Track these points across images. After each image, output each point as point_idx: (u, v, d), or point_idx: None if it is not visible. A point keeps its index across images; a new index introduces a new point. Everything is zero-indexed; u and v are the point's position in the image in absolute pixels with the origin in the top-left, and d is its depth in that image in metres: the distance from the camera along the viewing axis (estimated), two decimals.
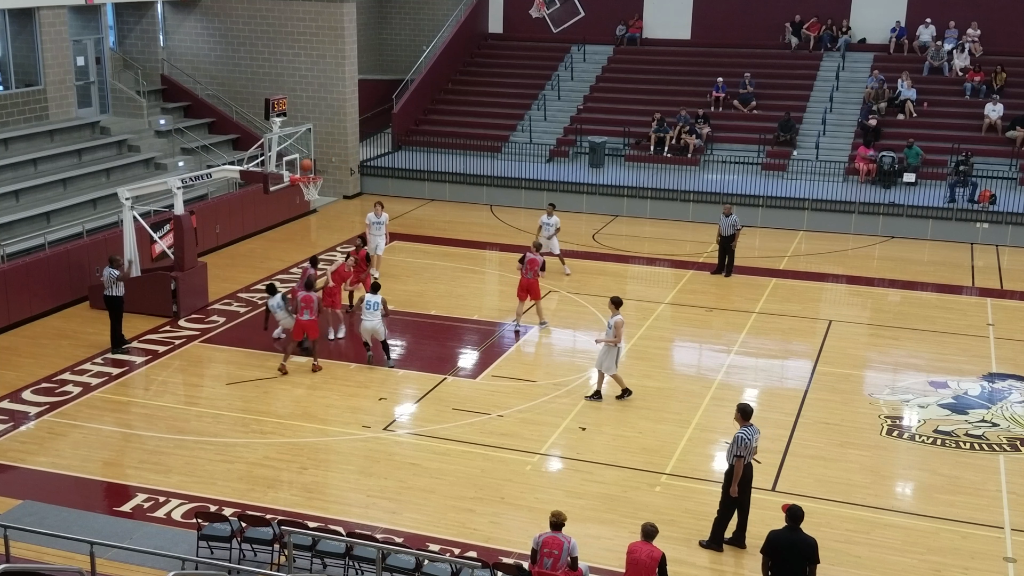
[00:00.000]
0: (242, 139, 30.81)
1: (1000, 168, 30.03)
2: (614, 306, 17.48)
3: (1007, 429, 16.73)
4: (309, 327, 18.44)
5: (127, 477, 14.85)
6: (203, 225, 23.84)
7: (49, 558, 12.23)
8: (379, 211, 23.90)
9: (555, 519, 11.00)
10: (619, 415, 17.03)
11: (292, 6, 30.99)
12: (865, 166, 29.97)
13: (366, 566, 12.08)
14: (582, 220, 29.38)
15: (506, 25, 38.87)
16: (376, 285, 18.91)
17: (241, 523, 12.47)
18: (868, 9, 35.30)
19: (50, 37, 26.48)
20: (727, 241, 24.44)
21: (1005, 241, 27.74)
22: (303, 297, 18.38)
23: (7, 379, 18.01)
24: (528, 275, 20.66)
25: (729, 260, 24.64)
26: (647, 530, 10.89)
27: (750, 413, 13.14)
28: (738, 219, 24.58)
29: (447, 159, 32.15)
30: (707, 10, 36.64)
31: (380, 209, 23.99)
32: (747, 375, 19.04)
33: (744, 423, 13.03)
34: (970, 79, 32.74)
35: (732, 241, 24.38)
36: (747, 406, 13.25)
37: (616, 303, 17.52)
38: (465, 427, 16.38)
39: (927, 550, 13.27)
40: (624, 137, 33.04)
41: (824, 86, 34.05)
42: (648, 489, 14.66)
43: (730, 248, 24.50)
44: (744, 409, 13.16)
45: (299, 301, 18.40)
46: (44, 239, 21.82)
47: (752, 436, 12.94)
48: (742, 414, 13.11)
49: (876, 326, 21.77)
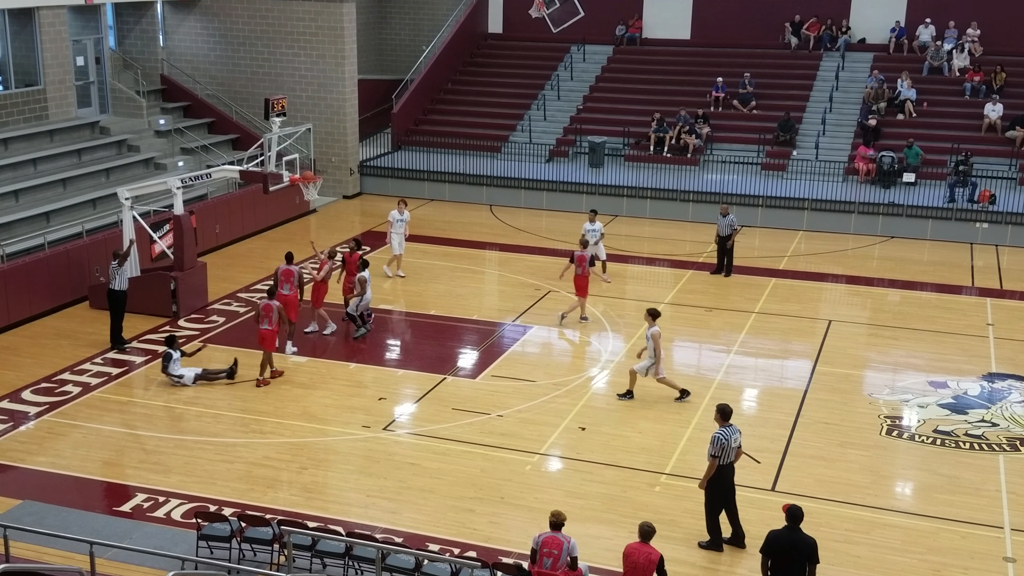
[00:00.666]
0: (242, 139, 30.82)
1: (1000, 168, 30.04)
2: (651, 318, 17.28)
3: (1007, 429, 16.73)
4: (267, 337, 17.77)
5: (127, 477, 14.85)
6: (203, 225, 23.86)
7: (49, 558, 12.23)
8: (402, 209, 24.10)
9: (555, 519, 10.99)
10: (619, 415, 17.03)
11: (292, 6, 30.99)
12: (865, 166, 29.97)
13: (366, 566, 12.07)
14: (581, 220, 29.29)
15: (506, 25, 38.88)
16: (364, 263, 19.93)
17: (241, 523, 12.47)
18: (868, 9, 35.31)
19: (50, 37, 26.48)
20: (724, 241, 24.46)
21: (1005, 241, 27.74)
22: (263, 305, 17.88)
23: (7, 379, 18.01)
24: (578, 271, 20.87)
25: (728, 260, 24.67)
26: (644, 530, 10.86)
27: (729, 414, 13.11)
28: (735, 219, 24.59)
29: (447, 159, 32.15)
30: (707, 10, 36.65)
31: (403, 207, 24.22)
32: (747, 375, 19.04)
33: (723, 423, 13.03)
34: (970, 79, 32.74)
35: (729, 240, 24.39)
36: (726, 407, 13.23)
37: (653, 315, 17.33)
38: (465, 427, 16.38)
39: (927, 550, 13.27)
40: (624, 137, 33.05)
41: (824, 86, 34.06)
42: (648, 489, 14.66)
43: (727, 248, 24.52)
44: (723, 410, 13.15)
45: (260, 309, 17.90)
46: (44, 239, 21.82)
47: (730, 436, 12.92)
48: (721, 415, 13.10)
49: (876, 326, 21.78)
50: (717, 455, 12.86)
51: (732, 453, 12.97)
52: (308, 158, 28.47)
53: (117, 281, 19.32)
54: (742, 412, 17.60)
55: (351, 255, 21.16)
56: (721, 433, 12.91)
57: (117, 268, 19.29)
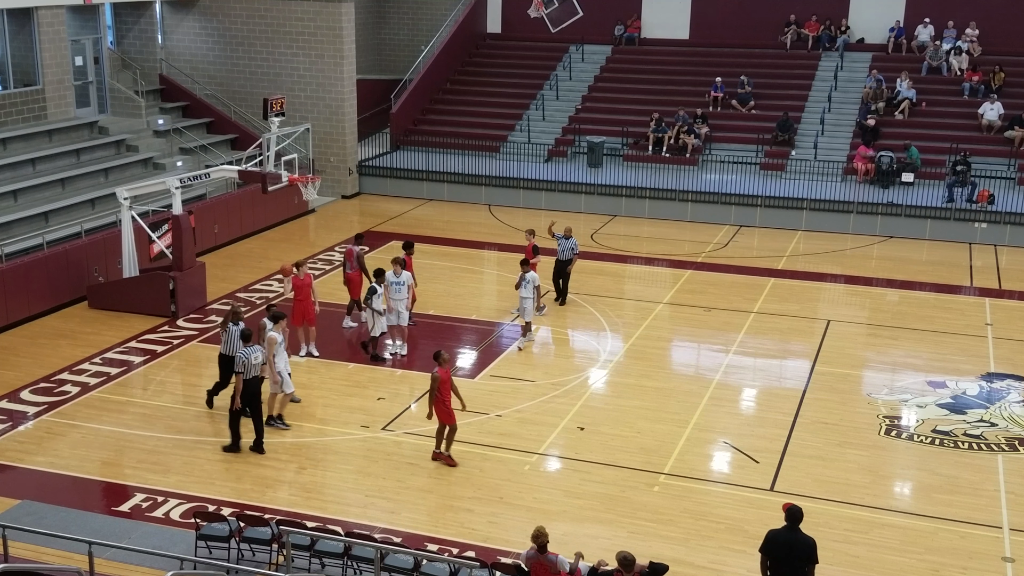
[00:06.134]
0: (240, 139, 30.80)
1: (998, 168, 30.05)
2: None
3: (1005, 429, 16.74)
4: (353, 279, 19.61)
5: (125, 477, 14.84)
6: (201, 225, 23.86)
7: (48, 558, 12.23)
8: (398, 271, 19.21)
9: (539, 539, 10.90)
10: (617, 415, 17.03)
11: (290, 6, 30.98)
12: (864, 166, 29.98)
13: (364, 566, 12.07)
14: (580, 220, 29.35)
15: (504, 25, 38.87)
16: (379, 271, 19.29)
17: (239, 523, 12.47)
18: (867, 9, 35.32)
19: (48, 37, 26.46)
20: (564, 265, 21.86)
21: (1003, 241, 27.75)
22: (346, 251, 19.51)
23: (6, 379, 18.00)
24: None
25: (564, 285, 22.11)
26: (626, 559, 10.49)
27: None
28: (576, 243, 21.99)
29: (445, 159, 32.14)
30: (705, 10, 36.65)
31: (399, 269, 19.26)
32: (745, 375, 19.05)
33: (247, 344, 15.03)
34: (968, 79, 32.76)
35: (569, 265, 21.86)
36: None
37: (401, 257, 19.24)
38: (463, 427, 16.36)
39: (925, 550, 13.27)
40: (622, 137, 33.05)
41: (823, 86, 34.07)
42: (646, 489, 14.66)
43: (566, 273, 21.94)
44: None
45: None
46: (42, 239, 21.80)
47: (247, 356, 14.67)
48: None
49: (874, 326, 21.79)
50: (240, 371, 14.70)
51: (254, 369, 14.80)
52: (307, 158, 28.48)
53: (229, 345, 16.58)
54: (741, 412, 17.65)
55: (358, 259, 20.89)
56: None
57: (237, 339, 16.06)
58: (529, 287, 19.69)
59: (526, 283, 19.69)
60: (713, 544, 13.28)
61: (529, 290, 19.70)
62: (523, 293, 19.73)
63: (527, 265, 19.87)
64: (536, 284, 19.89)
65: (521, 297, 19.82)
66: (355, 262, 20.83)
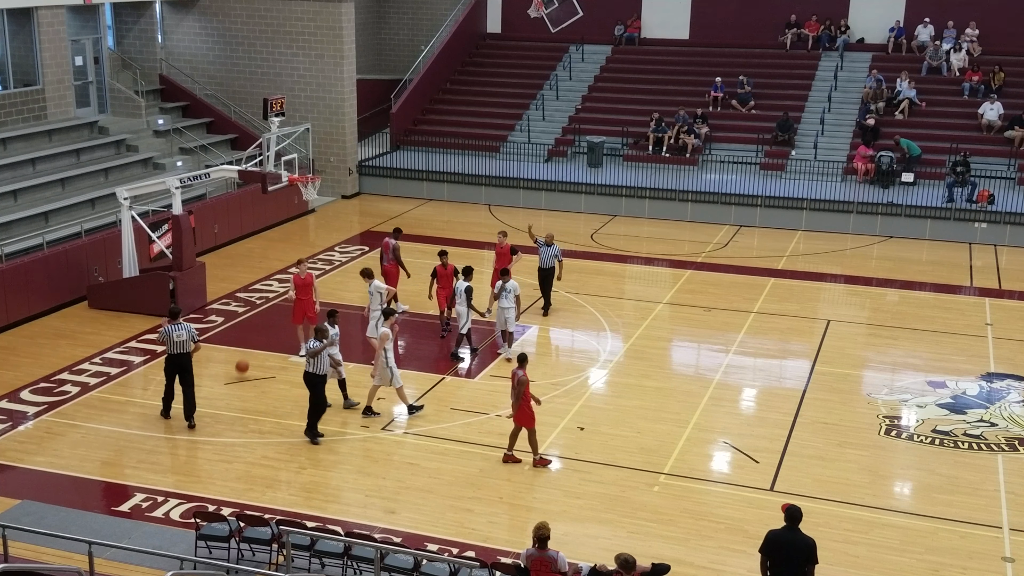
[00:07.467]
0: (240, 139, 30.80)
1: (998, 168, 30.05)
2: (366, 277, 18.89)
3: (1005, 429, 16.74)
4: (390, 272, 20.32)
5: (125, 477, 14.84)
6: (201, 225, 23.86)
7: (47, 558, 12.23)
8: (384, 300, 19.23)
9: (540, 533, 10.81)
10: (617, 415, 17.03)
11: (290, 6, 30.98)
12: (863, 165, 29.98)
13: (364, 566, 12.07)
14: (580, 220, 29.39)
15: (504, 25, 38.87)
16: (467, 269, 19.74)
17: (239, 523, 12.47)
18: (866, 9, 35.32)
19: (48, 37, 26.46)
20: (547, 273, 21.30)
21: (1003, 241, 27.75)
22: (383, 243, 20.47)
23: (5, 379, 18.00)
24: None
25: (547, 293, 21.60)
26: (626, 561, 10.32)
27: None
28: (559, 250, 21.42)
29: (445, 159, 32.14)
30: (705, 10, 36.64)
31: (509, 277, 19.36)
32: (745, 375, 19.05)
33: (172, 321, 15.74)
34: (968, 79, 32.76)
35: (552, 274, 21.30)
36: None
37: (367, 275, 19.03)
38: (463, 427, 16.37)
39: (925, 550, 13.27)
40: (622, 137, 33.05)
41: (823, 86, 34.06)
42: (646, 489, 14.66)
43: (550, 282, 21.44)
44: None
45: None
46: (42, 239, 21.80)
47: (170, 332, 15.37)
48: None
49: (874, 326, 21.78)
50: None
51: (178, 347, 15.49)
52: (307, 158, 28.49)
53: (314, 363, 15.69)
54: (741, 412, 17.65)
55: (444, 268, 20.28)
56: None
57: (319, 348, 15.59)
58: (511, 296, 19.23)
59: (507, 292, 19.18)
60: (713, 544, 13.28)
61: (511, 299, 19.24)
62: (503, 303, 19.20)
63: (507, 275, 19.28)
64: (517, 293, 19.32)
65: (501, 307, 19.17)
66: (391, 254, 21.27)
